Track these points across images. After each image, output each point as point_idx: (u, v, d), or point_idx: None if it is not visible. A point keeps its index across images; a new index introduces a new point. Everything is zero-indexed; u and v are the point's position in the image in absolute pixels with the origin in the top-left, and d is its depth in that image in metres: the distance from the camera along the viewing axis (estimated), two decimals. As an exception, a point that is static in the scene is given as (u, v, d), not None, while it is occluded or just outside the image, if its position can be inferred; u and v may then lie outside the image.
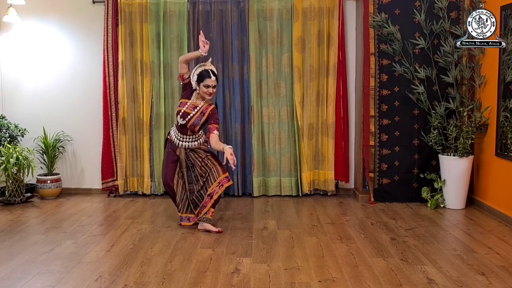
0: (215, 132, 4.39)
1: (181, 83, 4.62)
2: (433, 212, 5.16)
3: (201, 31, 4.59)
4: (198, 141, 4.62)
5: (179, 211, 4.62)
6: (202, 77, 4.45)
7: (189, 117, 4.48)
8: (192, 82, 4.50)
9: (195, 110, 4.49)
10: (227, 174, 4.51)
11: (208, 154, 4.60)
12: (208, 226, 4.49)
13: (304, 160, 5.87)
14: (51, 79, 6.08)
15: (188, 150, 4.59)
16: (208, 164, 4.52)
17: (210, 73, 4.44)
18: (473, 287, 3.25)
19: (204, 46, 4.42)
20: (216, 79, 4.49)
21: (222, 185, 4.46)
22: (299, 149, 5.88)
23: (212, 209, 4.50)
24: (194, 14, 5.79)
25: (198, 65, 4.55)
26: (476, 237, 4.30)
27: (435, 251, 3.94)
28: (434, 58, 5.36)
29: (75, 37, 6.03)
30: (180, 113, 4.49)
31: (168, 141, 4.70)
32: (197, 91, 4.51)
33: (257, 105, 5.88)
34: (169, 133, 4.72)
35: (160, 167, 5.90)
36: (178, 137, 4.59)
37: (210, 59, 4.62)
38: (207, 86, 4.45)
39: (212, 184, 4.47)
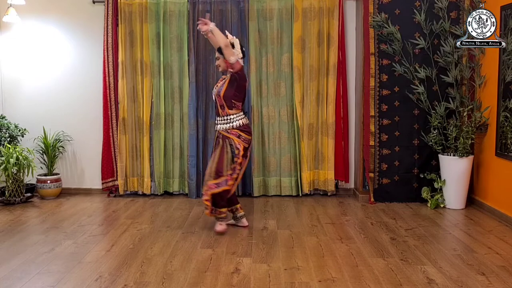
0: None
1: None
2: (433, 212, 5.16)
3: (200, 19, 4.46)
4: (230, 123, 4.39)
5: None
6: None
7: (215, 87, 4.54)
8: None
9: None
10: (217, 181, 4.31)
11: (224, 146, 4.38)
12: (217, 225, 4.48)
13: (304, 160, 5.87)
14: (51, 79, 6.08)
15: (221, 135, 4.42)
16: (213, 157, 4.41)
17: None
18: (473, 287, 3.25)
19: (201, 26, 4.35)
20: (220, 52, 4.35)
21: (208, 190, 4.33)
22: (299, 149, 5.88)
23: (218, 209, 4.43)
24: (194, 14, 5.79)
25: None
26: (476, 237, 4.30)
27: (435, 251, 3.94)
28: (434, 58, 5.36)
29: (75, 37, 6.03)
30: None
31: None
32: None
33: (257, 105, 5.88)
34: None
35: (160, 167, 5.91)
36: (216, 121, 4.53)
37: (235, 37, 4.53)
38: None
39: (206, 183, 4.38)
